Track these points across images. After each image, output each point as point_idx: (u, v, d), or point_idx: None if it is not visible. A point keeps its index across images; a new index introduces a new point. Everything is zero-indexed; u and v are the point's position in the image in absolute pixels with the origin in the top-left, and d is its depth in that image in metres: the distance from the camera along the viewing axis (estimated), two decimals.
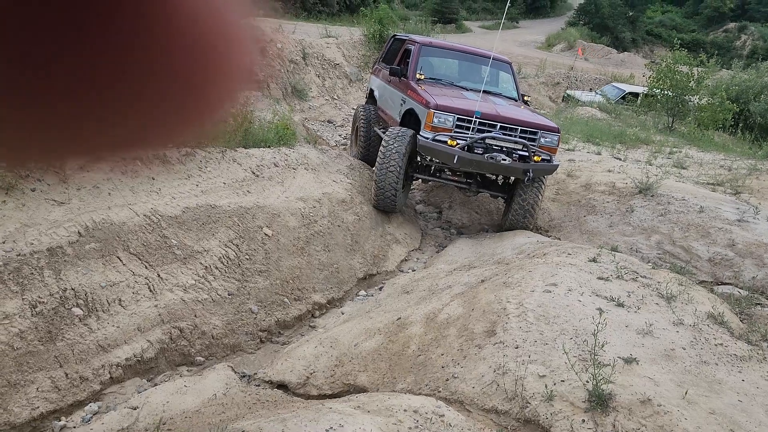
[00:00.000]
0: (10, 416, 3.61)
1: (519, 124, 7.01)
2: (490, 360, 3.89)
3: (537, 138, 7.01)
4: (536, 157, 7.00)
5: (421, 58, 8.30)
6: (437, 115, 6.86)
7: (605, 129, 12.85)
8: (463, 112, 6.88)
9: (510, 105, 7.76)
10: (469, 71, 8.70)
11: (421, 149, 7.03)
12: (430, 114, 6.88)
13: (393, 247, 7.28)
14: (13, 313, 3.89)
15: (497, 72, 8.70)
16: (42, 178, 4.71)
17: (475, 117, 6.79)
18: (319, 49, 15.54)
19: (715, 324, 4.46)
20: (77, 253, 4.41)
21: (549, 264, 5.23)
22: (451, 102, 7.07)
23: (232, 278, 5.23)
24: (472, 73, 8.65)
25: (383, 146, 7.26)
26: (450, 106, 6.94)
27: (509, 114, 7.13)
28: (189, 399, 3.99)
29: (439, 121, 6.86)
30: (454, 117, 6.85)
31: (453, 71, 8.70)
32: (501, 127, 6.90)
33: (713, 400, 3.49)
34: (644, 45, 45.85)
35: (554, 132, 7.18)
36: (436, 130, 6.88)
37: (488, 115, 6.93)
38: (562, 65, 26.54)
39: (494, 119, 6.91)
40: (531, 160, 6.96)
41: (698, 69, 15.92)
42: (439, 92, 7.39)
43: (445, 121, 6.86)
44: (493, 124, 6.87)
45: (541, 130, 7.08)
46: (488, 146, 6.86)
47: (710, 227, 6.89)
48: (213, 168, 6.06)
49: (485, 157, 6.78)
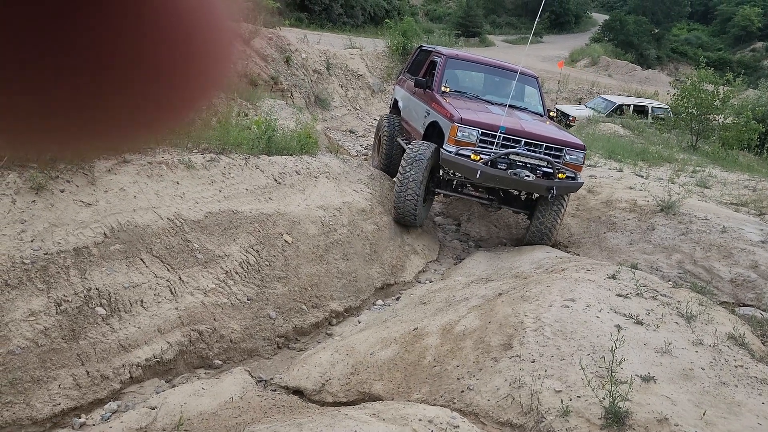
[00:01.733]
0: (32, 411, 3.69)
1: (544, 140, 6.90)
2: (506, 373, 3.88)
3: (562, 155, 6.90)
4: (560, 174, 6.87)
5: (447, 70, 8.21)
6: (461, 129, 6.76)
7: (627, 146, 12.77)
8: (487, 127, 6.78)
9: (535, 120, 7.66)
10: (494, 85, 8.58)
11: (444, 163, 6.97)
12: (454, 128, 6.79)
13: (411, 257, 7.30)
14: (39, 310, 3.98)
15: (523, 86, 8.56)
16: (71, 180, 4.82)
17: (499, 132, 6.69)
18: (343, 60, 15.68)
19: (736, 345, 4.41)
20: (102, 253, 4.50)
21: (567, 279, 5.21)
22: (476, 116, 6.98)
23: (251, 283, 5.29)
24: (497, 87, 8.52)
25: (405, 160, 7.20)
26: (474, 120, 6.84)
27: (534, 130, 7.04)
28: (206, 401, 4.04)
29: (463, 135, 6.77)
30: (478, 131, 6.76)
31: (478, 85, 8.59)
32: (525, 143, 6.80)
33: (732, 422, 3.45)
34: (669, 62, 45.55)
35: (580, 149, 7.04)
36: (459, 144, 6.78)
37: (513, 131, 6.83)
38: (585, 81, 26.46)
39: (519, 134, 6.81)
40: (555, 177, 6.85)
41: (724, 88, 15.76)
42: (464, 105, 7.31)
43: (469, 135, 6.76)
44: (517, 139, 6.78)
45: (567, 147, 6.95)
46: (512, 162, 6.76)
47: (733, 248, 6.81)
48: (236, 174, 6.15)
49: (508, 173, 6.68)
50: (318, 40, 16.39)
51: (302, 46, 14.04)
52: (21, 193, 4.49)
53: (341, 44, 17.46)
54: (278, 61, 12.26)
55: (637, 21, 44.74)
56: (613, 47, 42.00)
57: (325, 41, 16.94)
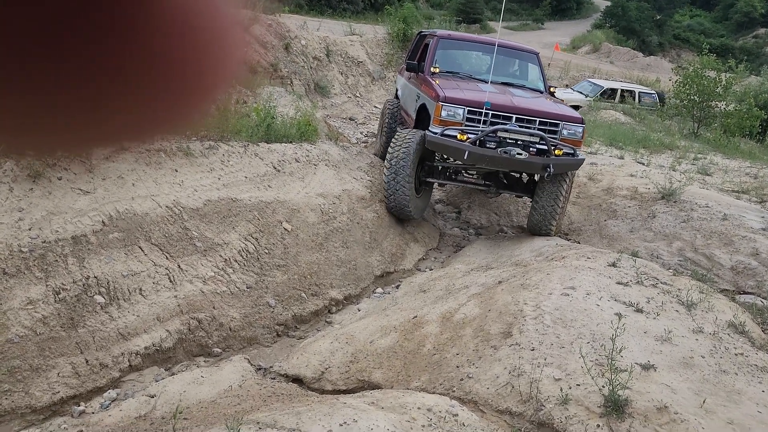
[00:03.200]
0: (32, 400, 3.69)
1: (537, 115, 6.46)
2: (506, 361, 3.88)
3: (558, 130, 6.47)
4: (557, 150, 6.41)
5: (438, 50, 7.82)
6: (445, 107, 6.37)
7: (629, 133, 12.71)
8: (473, 104, 6.38)
9: (531, 96, 7.21)
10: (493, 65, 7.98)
11: (430, 145, 6.56)
12: (438, 107, 6.40)
13: (411, 245, 7.28)
14: (37, 299, 3.97)
15: (522, 63, 8.15)
16: (68, 167, 4.79)
17: (485, 108, 6.27)
18: (343, 47, 15.57)
19: (736, 333, 4.40)
20: (101, 242, 4.48)
21: (568, 267, 5.20)
22: (461, 94, 6.57)
23: (250, 271, 5.27)
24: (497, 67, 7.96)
25: (390, 150, 6.87)
26: (459, 97, 6.44)
27: (525, 104, 6.61)
28: (205, 389, 4.04)
29: (447, 114, 6.38)
30: (464, 109, 6.36)
31: (473, 64, 8.15)
32: (517, 119, 6.37)
33: (732, 410, 3.45)
34: (671, 49, 45.24)
35: (577, 123, 6.58)
36: (445, 124, 6.39)
37: (501, 106, 6.41)
38: (587, 68, 26.31)
39: (508, 110, 6.39)
40: (551, 155, 6.39)
41: (726, 74, 15.66)
42: (452, 85, 6.90)
43: (455, 114, 6.36)
44: (507, 115, 6.36)
45: (563, 121, 6.49)
46: (501, 140, 6.33)
47: (734, 235, 6.79)
48: (235, 162, 6.11)
49: (498, 152, 6.23)
50: (318, 27, 16.27)
51: (302, 33, 13.94)
52: (18, 181, 4.47)
53: (341, 31, 17.34)
54: (278, 48, 12.17)
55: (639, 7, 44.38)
56: (614, 34, 41.70)
57: (324, 28, 16.82)
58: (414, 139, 6.80)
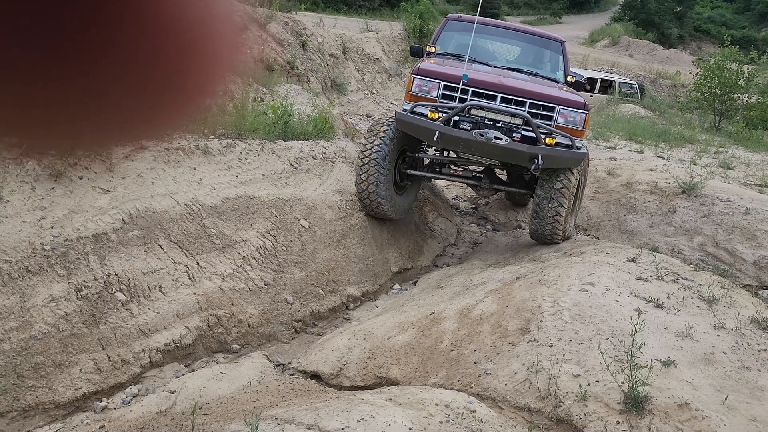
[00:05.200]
0: (55, 395, 3.75)
1: (525, 95, 5.52)
2: (524, 358, 3.86)
3: (554, 115, 5.53)
4: (549, 139, 5.46)
5: (444, 32, 7.00)
6: (418, 79, 5.62)
7: (648, 127, 12.57)
8: (449, 78, 5.54)
9: (530, 80, 6.16)
10: (505, 50, 7.29)
11: (398, 124, 5.74)
12: (410, 80, 5.68)
13: (428, 242, 7.27)
14: (60, 296, 4.03)
15: (540, 51, 7.22)
16: (89, 167, 4.85)
17: (462, 82, 5.43)
18: (359, 44, 15.57)
19: (759, 329, 4.33)
20: (121, 239, 4.54)
21: (586, 263, 5.16)
22: (439, 67, 5.78)
23: (268, 268, 5.31)
24: (509, 53, 7.25)
25: (364, 140, 6.12)
26: (434, 70, 5.68)
27: (514, 83, 5.70)
28: (225, 385, 4.07)
29: (420, 89, 5.60)
30: (439, 84, 5.55)
31: (485, 49, 7.14)
32: (503, 100, 5.48)
33: (755, 406, 3.40)
34: (692, 41, 44.56)
35: (577, 108, 5.58)
36: (416, 99, 5.62)
37: (482, 82, 5.52)
38: (605, 61, 26.02)
39: (492, 88, 5.52)
40: (541, 143, 5.44)
41: (748, 66, 15.41)
42: (438, 62, 6.10)
43: (429, 89, 5.58)
44: (492, 94, 5.49)
45: (559, 105, 5.53)
46: (479, 121, 5.44)
47: (756, 230, 6.69)
48: (253, 159, 6.15)
49: (473, 134, 5.33)
50: (334, 24, 16.29)
51: (318, 30, 13.96)
52: (40, 180, 4.54)
53: (357, 28, 17.33)
54: (294, 45, 12.20)
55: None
56: (634, 26, 41.16)
57: (341, 25, 16.83)
58: (391, 127, 6.04)
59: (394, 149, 6.06)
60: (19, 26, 0.34)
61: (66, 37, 0.35)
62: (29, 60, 0.36)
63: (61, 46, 0.36)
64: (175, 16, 0.38)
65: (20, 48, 0.35)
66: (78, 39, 0.36)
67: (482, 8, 7.01)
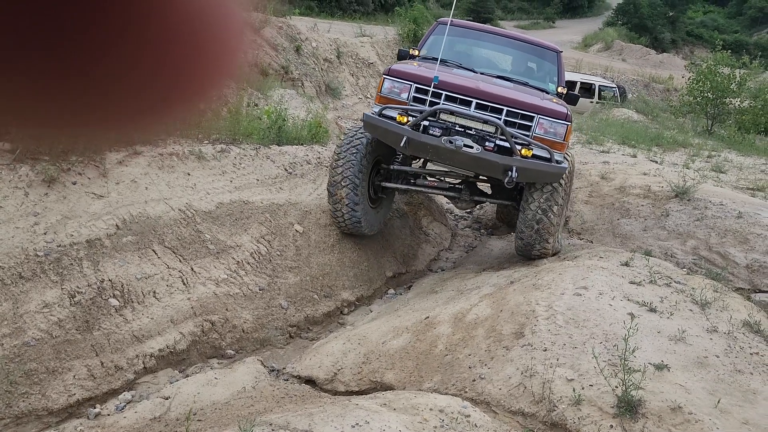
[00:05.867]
0: (48, 402, 3.73)
1: (502, 101, 5.16)
2: (518, 362, 3.87)
3: (532, 125, 5.16)
4: (525, 150, 5.09)
5: (434, 36, 6.59)
6: (388, 81, 5.30)
7: (641, 131, 12.62)
8: (421, 80, 5.20)
9: (513, 87, 5.73)
10: (495, 57, 6.94)
11: (366, 127, 5.44)
12: (381, 81, 5.38)
13: (423, 246, 7.28)
14: (53, 302, 4.02)
15: (533, 60, 6.87)
16: (83, 172, 4.85)
17: (433, 85, 5.11)
18: (354, 48, 15.60)
19: (751, 332, 4.36)
20: (115, 245, 4.53)
21: (580, 267, 5.17)
22: (411, 68, 5.47)
23: (263, 273, 5.30)
24: (499, 60, 6.90)
25: (335, 152, 5.75)
26: (406, 71, 5.36)
27: (491, 89, 5.31)
28: (219, 391, 4.07)
29: (390, 91, 5.28)
30: (411, 86, 5.22)
31: (475, 56, 6.77)
32: (478, 106, 5.13)
33: (747, 410, 3.42)
34: (684, 46, 44.84)
35: (558, 119, 5.18)
36: (386, 101, 5.29)
37: (456, 86, 5.20)
38: (599, 66, 26.16)
39: (467, 93, 5.17)
40: (517, 155, 5.07)
41: (740, 71, 15.51)
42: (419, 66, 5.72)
43: (400, 91, 5.25)
44: (467, 100, 5.16)
45: (539, 114, 5.15)
46: (449, 127, 5.10)
47: (749, 233, 6.72)
48: (247, 165, 6.15)
49: (442, 141, 4.99)
50: (328, 29, 16.32)
51: (312, 35, 13.99)
52: (33, 186, 4.53)
53: (351, 32, 17.38)
54: (288, 50, 12.22)
55: (652, 4, 44.02)
56: (627, 31, 41.41)
57: (335, 29, 16.87)
58: (364, 137, 5.68)
59: (368, 163, 5.74)
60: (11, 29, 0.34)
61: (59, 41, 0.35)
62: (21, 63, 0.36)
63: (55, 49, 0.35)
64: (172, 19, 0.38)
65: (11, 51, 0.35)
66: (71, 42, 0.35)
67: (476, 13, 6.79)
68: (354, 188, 5.59)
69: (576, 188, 8.30)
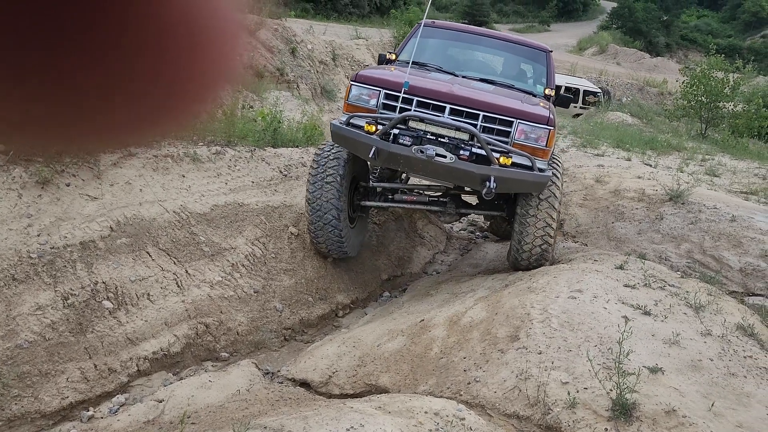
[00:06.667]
0: (41, 405, 3.71)
1: (478, 106, 4.81)
2: (513, 365, 3.87)
3: (511, 131, 4.82)
4: (504, 158, 4.74)
5: (414, 39, 6.12)
6: (356, 88, 4.97)
7: (636, 134, 12.67)
8: (390, 85, 4.88)
9: (497, 92, 5.35)
10: (480, 59, 6.58)
11: (333, 137, 5.10)
12: (348, 88, 5.07)
13: (418, 249, 7.29)
14: (46, 304, 4.00)
15: (519, 60, 6.49)
16: (76, 174, 4.83)
17: (403, 90, 4.76)
18: (349, 51, 15.61)
19: (745, 336, 4.37)
20: (108, 247, 4.51)
21: (574, 270, 5.18)
22: (381, 73, 5.17)
23: (258, 276, 5.29)
24: (484, 62, 6.54)
25: (311, 170, 5.41)
26: (374, 76, 5.06)
27: (466, 93, 4.98)
28: (213, 394, 4.05)
29: (359, 98, 4.95)
30: (380, 92, 4.89)
31: (456, 58, 6.39)
32: (452, 112, 4.80)
33: (741, 413, 3.43)
34: (678, 50, 45.10)
35: (539, 123, 4.83)
36: (354, 109, 4.96)
37: (426, 91, 4.85)
38: (593, 69, 26.25)
39: (440, 98, 4.83)
40: (494, 163, 4.72)
41: (734, 75, 15.60)
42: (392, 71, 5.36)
43: (369, 98, 4.93)
44: (440, 105, 4.82)
45: (518, 119, 4.79)
46: (421, 135, 4.75)
47: (742, 237, 6.75)
48: (242, 167, 6.14)
49: (413, 150, 4.65)
50: (324, 31, 16.34)
51: (308, 37, 13.99)
52: (27, 188, 4.51)
53: (347, 35, 17.39)
54: (284, 52, 12.22)
55: (646, 8, 44.28)
56: (621, 35, 41.62)
57: (330, 32, 16.88)
58: (341, 155, 5.36)
59: (346, 180, 5.42)
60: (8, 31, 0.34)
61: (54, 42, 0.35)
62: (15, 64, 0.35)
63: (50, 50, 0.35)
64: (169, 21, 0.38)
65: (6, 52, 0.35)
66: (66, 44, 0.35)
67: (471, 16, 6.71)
68: (338, 214, 5.31)
69: (570, 191, 8.32)
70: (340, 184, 5.28)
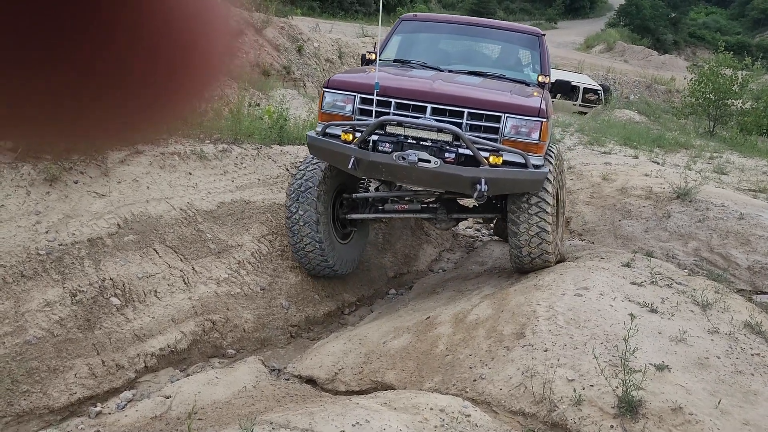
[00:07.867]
0: (49, 400, 3.74)
1: (462, 102, 4.44)
2: (519, 362, 3.87)
3: (500, 127, 4.43)
4: (494, 157, 4.37)
5: (395, 36, 5.90)
6: (329, 95, 4.66)
7: (643, 132, 12.62)
8: (364, 88, 4.55)
9: (483, 85, 5.02)
10: (467, 50, 6.15)
11: (310, 150, 4.86)
12: (321, 95, 4.77)
13: (424, 246, 7.29)
14: (54, 300, 4.03)
15: (511, 48, 6.06)
16: (84, 171, 4.86)
17: (375, 92, 4.43)
18: (355, 49, 15.61)
19: (752, 333, 4.35)
20: (116, 244, 4.54)
21: (581, 267, 5.17)
22: (352, 76, 4.90)
23: (264, 273, 5.31)
24: (472, 54, 6.12)
25: (290, 184, 5.17)
26: (347, 80, 4.74)
27: (447, 89, 4.59)
28: (220, 390, 4.07)
29: (333, 105, 4.65)
30: (354, 97, 4.57)
31: (443, 52, 5.99)
32: (434, 111, 4.43)
33: (748, 411, 3.42)
34: (686, 47, 44.81)
35: (529, 115, 4.43)
36: (330, 118, 4.66)
37: (402, 90, 4.52)
38: (601, 67, 26.15)
39: (418, 97, 4.47)
40: (484, 164, 4.35)
41: (742, 72, 15.51)
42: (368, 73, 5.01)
43: (343, 104, 4.61)
44: (420, 105, 4.46)
45: (506, 113, 4.40)
46: (401, 140, 4.42)
47: (750, 235, 6.72)
48: (248, 164, 6.16)
49: (394, 157, 4.33)
50: (330, 29, 16.35)
51: (314, 35, 14.01)
52: (35, 185, 4.54)
53: (353, 33, 17.40)
54: (290, 50, 12.24)
55: (654, 5, 44.00)
56: (629, 32, 41.38)
57: (337, 30, 16.90)
58: (320, 166, 5.08)
59: (327, 196, 5.16)
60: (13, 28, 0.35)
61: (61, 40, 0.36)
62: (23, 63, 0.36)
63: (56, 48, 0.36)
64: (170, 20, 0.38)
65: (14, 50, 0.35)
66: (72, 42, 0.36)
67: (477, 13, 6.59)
68: (316, 228, 5.00)
69: (577, 189, 8.30)
70: (317, 197, 4.97)
